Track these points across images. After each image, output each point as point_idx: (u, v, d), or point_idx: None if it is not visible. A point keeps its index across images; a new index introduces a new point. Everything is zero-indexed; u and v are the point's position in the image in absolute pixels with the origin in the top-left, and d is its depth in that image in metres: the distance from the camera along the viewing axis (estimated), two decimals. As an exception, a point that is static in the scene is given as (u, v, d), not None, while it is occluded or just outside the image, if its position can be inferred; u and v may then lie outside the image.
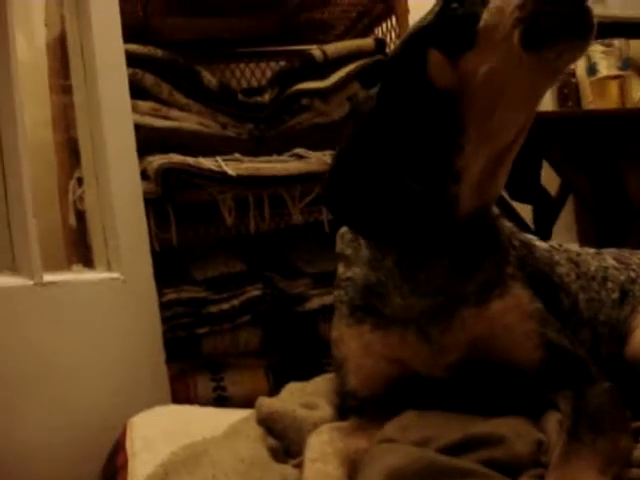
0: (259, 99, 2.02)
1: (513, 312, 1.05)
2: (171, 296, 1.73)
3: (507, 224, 1.17)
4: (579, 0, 0.89)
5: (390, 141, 1.03)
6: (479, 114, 0.99)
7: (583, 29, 0.91)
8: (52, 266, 1.57)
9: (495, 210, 1.15)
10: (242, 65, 2.49)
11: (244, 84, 2.44)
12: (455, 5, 1.01)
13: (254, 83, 2.44)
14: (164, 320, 1.70)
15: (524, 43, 0.91)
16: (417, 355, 1.06)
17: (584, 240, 2.79)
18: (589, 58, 2.51)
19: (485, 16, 0.95)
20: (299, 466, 1.02)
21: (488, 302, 1.05)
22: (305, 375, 1.40)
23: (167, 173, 1.70)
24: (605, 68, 2.43)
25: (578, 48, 0.93)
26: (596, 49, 2.56)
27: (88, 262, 1.72)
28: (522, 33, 0.91)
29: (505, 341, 1.05)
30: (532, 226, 1.97)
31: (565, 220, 2.63)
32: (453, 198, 1.03)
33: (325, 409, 1.16)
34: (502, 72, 0.95)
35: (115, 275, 1.57)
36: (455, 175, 1.02)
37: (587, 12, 0.90)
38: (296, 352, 1.81)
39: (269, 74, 2.39)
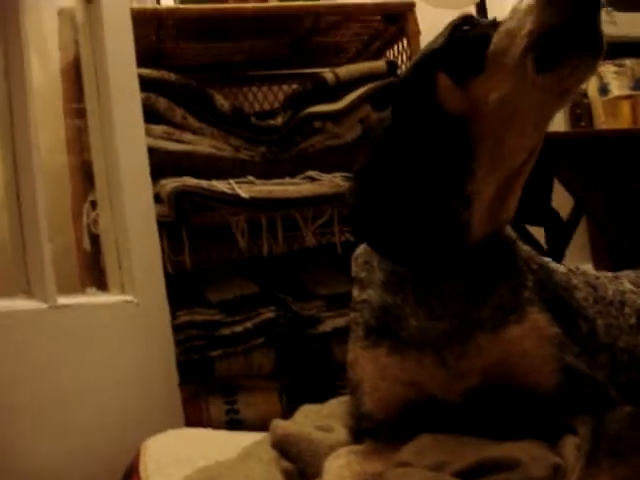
0: (272, 122, 2.03)
1: (530, 337, 1.04)
2: (184, 318, 1.73)
3: (525, 248, 1.16)
4: (589, 17, 0.89)
5: (403, 164, 1.03)
6: (489, 138, 0.99)
7: (594, 45, 0.91)
8: (66, 289, 1.58)
9: (512, 234, 1.15)
10: (255, 88, 2.51)
11: (257, 107, 2.46)
12: (466, 28, 1.02)
13: (267, 106, 2.46)
14: (177, 343, 1.70)
15: (537, 66, 0.92)
16: (433, 379, 1.05)
17: (598, 261, 2.78)
18: (601, 78, 2.52)
19: (495, 40, 0.96)
20: (314, 489, 1.02)
21: (504, 327, 1.04)
22: (319, 398, 1.40)
23: (181, 196, 1.71)
24: (617, 88, 2.44)
25: (590, 65, 0.92)
26: (608, 69, 2.56)
27: (102, 285, 1.73)
28: (535, 57, 0.91)
29: (522, 366, 1.04)
30: (545, 248, 1.97)
31: (579, 241, 2.62)
32: (464, 223, 1.03)
33: (341, 432, 1.15)
34: (512, 96, 0.95)
35: (129, 298, 1.57)
36: (466, 200, 1.02)
37: (597, 28, 0.90)
38: (309, 374, 1.80)
39: (281, 97, 2.41)
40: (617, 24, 3.29)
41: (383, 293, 1.09)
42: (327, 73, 2.04)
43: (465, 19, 1.03)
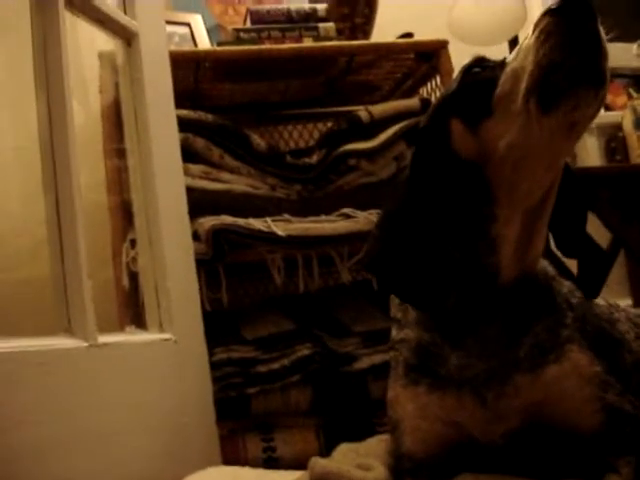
0: (307, 160, 2.05)
1: (570, 377, 1.03)
2: (221, 356, 1.74)
3: (565, 283, 1.15)
4: (587, 50, 0.89)
5: (425, 210, 1.03)
6: (505, 181, 0.99)
7: (595, 77, 0.91)
8: (106, 328, 1.59)
9: (550, 270, 1.14)
10: (290, 127, 2.54)
11: (292, 145, 2.49)
12: (477, 70, 1.02)
13: (302, 144, 2.49)
14: (214, 380, 1.70)
15: (541, 107, 0.91)
16: (473, 419, 1.05)
17: (637, 295, 2.74)
18: (635, 112, 2.51)
19: (501, 82, 0.96)
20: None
21: (543, 367, 1.03)
22: (356, 436, 1.39)
23: (218, 234, 1.73)
24: (652, 122, 2.43)
25: (593, 97, 0.92)
26: (642, 102, 2.56)
27: (140, 323, 1.74)
28: (537, 98, 0.91)
29: (562, 407, 1.03)
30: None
31: (617, 276, 2.59)
32: (493, 267, 1.03)
33: (380, 470, 1.14)
34: (521, 139, 0.95)
35: (167, 336, 1.58)
36: (491, 243, 1.02)
37: (597, 59, 0.90)
38: (346, 412, 1.79)
39: (316, 135, 2.44)
40: (652, 57, 3.29)
41: (420, 332, 1.09)
42: (361, 111, 2.07)
43: (476, 61, 1.04)
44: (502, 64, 0.99)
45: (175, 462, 1.51)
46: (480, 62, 1.03)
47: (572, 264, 1.12)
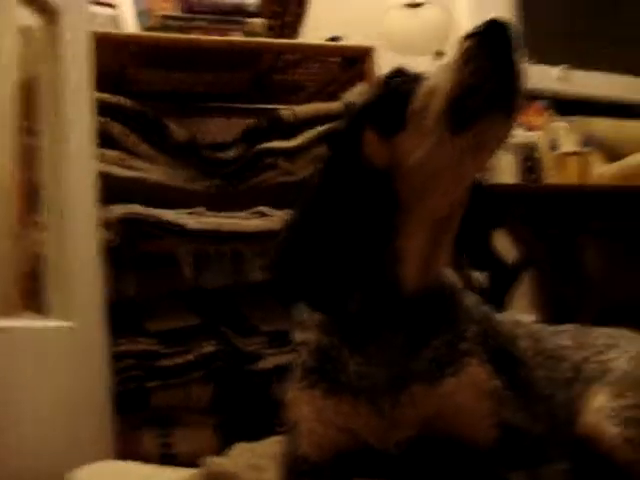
0: (225, 155, 2.03)
1: (467, 390, 1.04)
2: (123, 347, 1.71)
3: (471, 296, 1.17)
4: (504, 77, 0.90)
5: (332, 217, 1.03)
6: (414, 194, 1.00)
7: (507, 103, 0.92)
8: (3, 312, 1.54)
9: (456, 283, 1.16)
10: (212, 120, 2.51)
11: (212, 139, 2.46)
12: (396, 81, 1.02)
13: (222, 138, 2.46)
14: (115, 372, 1.67)
15: (452, 128, 0.92)
16: (369, 427, 1.05)
17: (540, 311, 2.81)
18: (552, 134, 2.58)
19: (416, 98, 0.96)
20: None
21: (441, 379, 1.04)
22: (255, 435, 1.39)
23: (128, 223, 1.70)
24: (566, 144, 2.50)
25: (503, 122, 0.93)
26: (559, 125, 2.63)
27: (41, 309, 1.69)
28: (449, 119, 0.92)
29: (458, 420, 1.04)
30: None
31: (522, 292, 2.66)
32: (397, 277, 1.03)
33: (273, 472, 1.14)
34: (431, 155, 0.95)
35: (67, 324, 1.54)
36: (396, 254, 1.03)
37: (512, 86, 0.91)
38: (247, 411, 1.78)
39: (238, 131, 2.41)
40: (572, 82, 3.40)
41: (320, 335, 1.09)
42: (284, 110, 2.06)
43: (396, 72, 1.03)
44: (420, 78, 0.99)
45: (66, 454, 1.48)
46: (400, 73, 1.03)
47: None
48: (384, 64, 2.22)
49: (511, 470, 1.01)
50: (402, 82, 1.01)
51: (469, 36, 0.91)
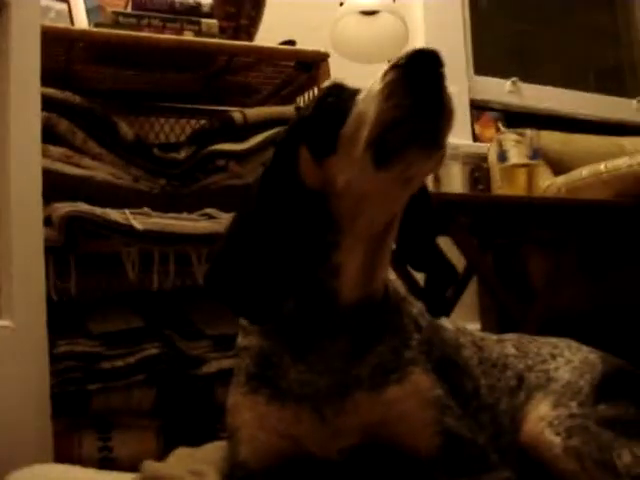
0: (174, 155, 2.00)
1: (411, 399, 1.05)
2: (64, 348, 1.67)
3: (416, 304, 1.17)
4: (430, 111, 0.89)
5: (268, 230, 1.02)
6: (347, 213, 1.00)
7: (432, 139, 0.91)
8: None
9: (401, 291, 1.16)
10: (162, 120, 2.48)
11: (162, 139, 2.43)
12: (330, 100, 1.00)
13: (172, 139, 2.44)
14: (54, 373, 1.63)
15: (375, 161, 0.92)
16: (311, 435, 1.04)
17: (485, 321, 2.85)
18: (501, 145, 2.61)
19: (347, 122, 0.95)
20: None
21: (384, 387, 1.04)
22: (197, 440, 1.37)
23: (72, 221, 1.66)
24: (515, 156, 2.53)
25: (427, 157, 0.93)
26: (508, 137, 2.67)
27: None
28: (373, 153, 0.92)
29: (401, 428, 1.04)
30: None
31: (468, 301, 2.69)
32: (334, 290, 1.03)
33: (213, 477, 1.12)
34: (359, 181, 0.96)
35: (5, 323, 1.50)
36: (333, 269, 1.03)
37: (437, 122, 0.90)
38: (190, 416, 1.76)
39: (188, 131, 2.39)
40: (521, 95, 3.45)
41: (262, 340, 1.08)
42: (235, 112, 2.04)
43: (332, 88, 1.02)
44: (356, 97, 0.97)
45: (3, 456, 1.44)
46: (336, 90, 1.01)
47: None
48: (338, 70, 2.22)
49: (454, 478, 1.02)
50: (336, 102, 0.99)
51: (393, 67, 0.89)
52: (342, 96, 0.99)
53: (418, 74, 0.87)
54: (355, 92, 0.98)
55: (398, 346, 1.07)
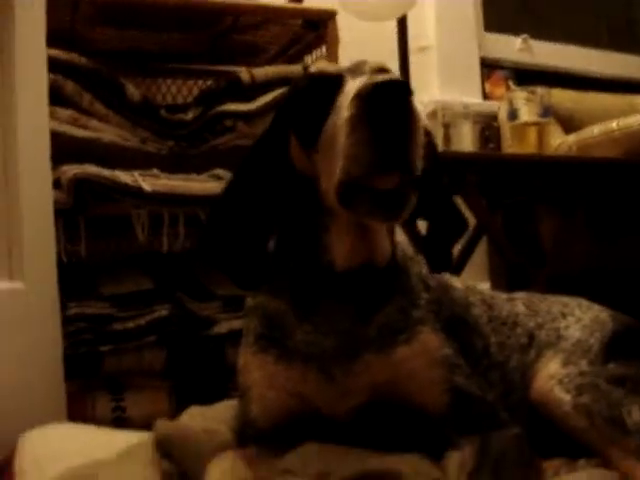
0: (182, 116, 1.99)
1: (420, 358, 1.05)
2: (75, 310, 1.68)
3: (425, 265, 1.17)
4: (396, 145, 0.87)
5: (258, 201, 1.04)
6: (333, 205, 0.98)
7: (388, 216, 0.92)
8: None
9: (409, 251, 1.16)
10: (169, 81, 2.46)
11: (169, 100, 2.41)
12: (316, 90, 0.99)
13: (179, 100, 2.42)
14: (66, 335, 1.64)
15: (341, 204, 0.93)
16: (319, 394, 1.05)
17: (495, 280, 2.85)
18: (511, 103, 2.59)
19: (323, 130, 0.94)
20: (193, 493, 1.00)
21: (393, 347, 1.05)
22: (209, 399, 1.38)
23: (81, 184, 1.66)
24: (526, 114, 2.51)
25: (384, 218, 0.94)
26: (519, 95, 2.64)
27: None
28: (339, 196, 0.93)
29: (410, 387, 1.05)
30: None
31: (477, 260, 2.68)
32: (328, 262, 1.03)
33: (225, 435, 1.14)
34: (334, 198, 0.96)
35: (17, 285, 1.51)
36: (324, 248, 1.03)
37: (404, 155, 0.88)
38: (201, 376, 1.78)
39: (195, 92, 2.37)
40: (532, 52, 3.41)
41: (269, 301, 1.09)
42: (243, 72, 2.03)
43: (313, 80, 1.01)
44: (340, 82, 0.96)
45: (17, 418, 1.46)
46: (318, 82, 1.00)
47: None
48: (346, 28, 2.20)
49: (463, 435, 1.03)
50: (316, 100, 0.97)
51: (357, 96, 0.88)
52: (323, 91, 0.97)
53: (381, 108, 0.86)
54: (337, 82, 0.96)
55: (406, 306, 1.08)
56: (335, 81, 0.97)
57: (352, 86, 0.92)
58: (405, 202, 0.91)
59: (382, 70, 1.01)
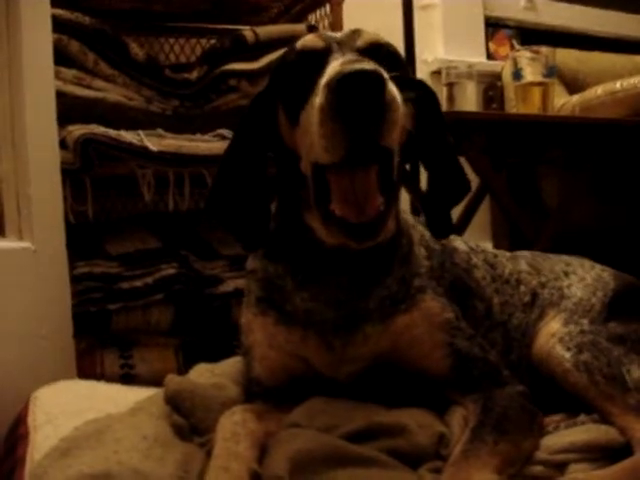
0: (187, 76, 1.99)
1: (420, 325, 1.07)
2: (83, 270, 1.70)
3: (426, 230, 1.17)
4: (366, 136, 0.87)
5: (251, 169, 1.05)
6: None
7: (359, 242, 0.92)
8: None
9: (410, 219, 1.16)
10: (172, 40, 2.44)
11: (173, 60, 2.40)
12: (305, 61, 0.98)
13: (183, 59, 2.40)
14: (75, 294, 1.66)
15: (315, 198, 0.94)
16: (319, 358, 1.07)
17: (498, 239, 2.86)
18: (516, 63, 2.57)
19: (306, 107, 0.93)
20: (205, 445, 1.02)
21: (393, 317, 1.06)
22: (215, 357, 1.40)
23: (87, 144, 1.66)
24: (530, 74, 2.48)
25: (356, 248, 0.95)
26: (523, 55, 2.61)
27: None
28: (314, 189, 0.94)
29: (412, 353, 1.06)
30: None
31: (481, 219, 2.69)
32: (316, 239, 1.04)
33: (233, 390, 1.16)
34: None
35: (26, 245, 1.53)
36: (307, 227, 1.04)
37: (374, 142, 0.88)
38: (207, 333, 1.80)
39: (199, 51, 2.36)
40: (537, 12, 3.38)
41: (269, 265, 1.10)
42: (247, 31, 2.02)
43: (301, 55, 1.00)
44: (326, 58, 0.95)
45: (28, 375, 1.49)
46: (306, 58, 0.99)
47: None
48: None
49: (466, 394, 1.05)
50: (301, 77, 0.97)
51: (328, 85, 0.87)
52: (308, 68, 0.96)
53: (351, 100, 0.85)
54: (323, 58, 0.95)
55: (406, 276, 1.08)
56: (321, 57, 0.95)
57: (331, 68, 0.90)
58: (379, 232, 0.92)
59: (373, 46, 0.99)
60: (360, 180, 0.91)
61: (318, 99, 0.88)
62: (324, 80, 0.88)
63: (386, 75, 0.86)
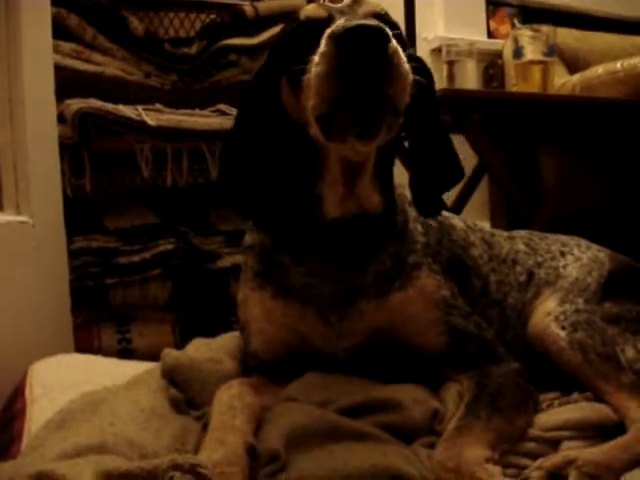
0: (186, 50, 1.98)
1: (415, 303, 1.07)
2: (81, 244, 1.70)
3: None
4: (367, 92, 0.87)
5: (257, 147, 1.04)
6: (322, 145, 0.99)
7: (362, 133, 0.90)
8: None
9: (407, 195, 1.16)
10: (172, 14, 2.41)
11: (172, 34, 2.38)
12: (300, 36, 0.98)
13: (183, 34, 2.39)
14: (73, 268, 1.67)
15: (324, 135, 0.93)
16: (316, 333, 1.08)
17: (495, 218, 2.86)
18: (516, 41, 2.56)
19: (305, 79, 0.93)
20: (201, 418, 1.03)
21: (388, 294, 1.07)
22: (212, 332, 1.41)
23: (85, 118, 1.66)
24: (531, 53, 2.47)
25: (361, 147, 0.94)
26: (524, 33, 2.60)
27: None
28: (321, 128, 0.92)
29: (407, 330, 1.07)
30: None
31: (479, 198, 2.69)
32: (320, 211, 1.04)
33: (230, 364, 1.17)
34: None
35: (24, 219, 1.53)
36: (317, 197, 1.04)
37: (366, 121, 0.89)
38: (205, 308, 1.80)
39: (198, 26, 2.34)
40: (538, -11, 3.35)
41: (265, 239, 1.10)
42: (247, 6, 2.01)
43: (302, 24, 1.00)
44: (328, 22, 0.95)
45: (26, 348, 1.49)
46: (307, 26, 0.99)
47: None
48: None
49: (462, 371, 1.05)
50: (303, 43, 0.96)
51: (330, 37, 0.87)
52: (310, 35, 0.96)
53: (353, 54, 0.85)
54: (325, 24, 0.94)
55: (401, 252, 1.09)
56: (324, 25, 0.95)
57: (335, 25, 0.89)
58: (380, 120, 0.90)
59: (374, 15, 0.99)
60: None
61: (321, 48, 0.88)
62: (328, 32, 0.88)
63: (389, 31, 0.87)
